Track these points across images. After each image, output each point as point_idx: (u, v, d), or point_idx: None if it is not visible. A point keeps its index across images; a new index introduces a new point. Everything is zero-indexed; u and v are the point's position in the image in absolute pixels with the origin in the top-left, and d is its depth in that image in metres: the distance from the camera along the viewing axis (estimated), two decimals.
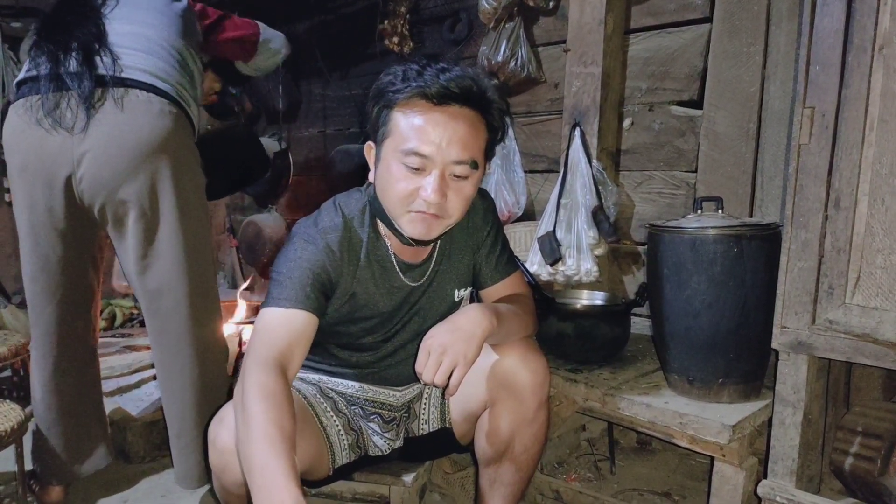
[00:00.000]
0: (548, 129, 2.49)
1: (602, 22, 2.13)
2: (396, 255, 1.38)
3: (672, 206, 2.17)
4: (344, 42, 3.14)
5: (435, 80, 1.18)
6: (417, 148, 1.18)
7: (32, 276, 1.71)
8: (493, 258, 1.47)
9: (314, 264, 1.27)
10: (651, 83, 2.19)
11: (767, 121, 1.92)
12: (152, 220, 1.65)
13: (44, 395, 1.78)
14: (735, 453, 1.45)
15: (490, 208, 1.50)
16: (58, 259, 1.69)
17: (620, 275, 2.31)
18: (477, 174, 1.26)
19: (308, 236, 1.30)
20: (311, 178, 3.57)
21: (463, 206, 1.26)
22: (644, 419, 1.55)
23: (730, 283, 1.46)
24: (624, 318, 1.80)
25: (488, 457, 1.43)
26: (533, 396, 1.34)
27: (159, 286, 1.69)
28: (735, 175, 1.98)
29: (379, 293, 1.39)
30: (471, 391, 1.40)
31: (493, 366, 1.36)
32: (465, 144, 1.20)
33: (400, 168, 1.21)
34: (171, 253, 1.67)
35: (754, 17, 1.91)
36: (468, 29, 2.69)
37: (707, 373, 1.52)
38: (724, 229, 1.46)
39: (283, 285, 1.24)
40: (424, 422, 1.54)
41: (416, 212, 1.23)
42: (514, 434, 1.37)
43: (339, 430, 1.44)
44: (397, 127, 1.21)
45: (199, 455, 1.77)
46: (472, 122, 1.22)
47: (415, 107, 1.19)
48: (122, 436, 2.12)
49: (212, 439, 1.21)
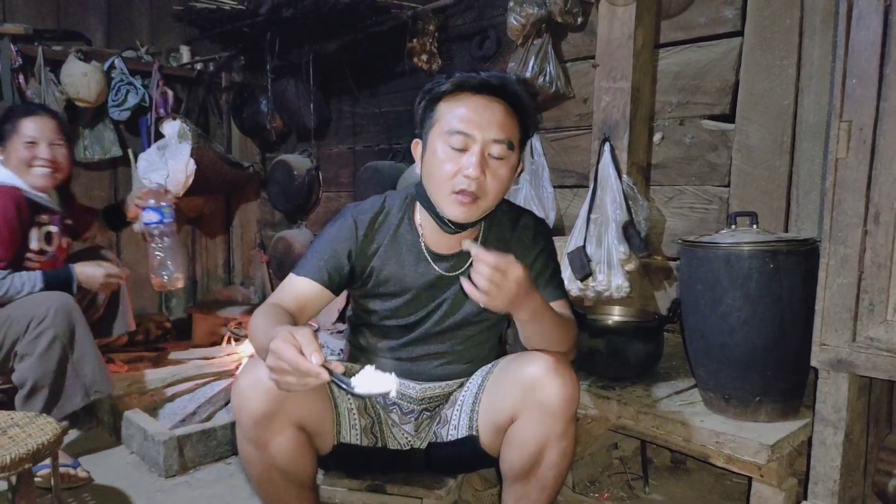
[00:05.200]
0: (577, 144, 2.49)
1: (631, 37, 2.13)
2: (427, 242, 1.47)
3: (704, 221, 2.14)
4: (373, 60, 3.18)
5: (476, 75, 1.35)
6: (460, 128, 1.31)
7: None
8: (541, 281, 1.48)
9: (336, 240, 1.45)
10: (682, 97, 2.18)
11: (802, 134, 1.89)
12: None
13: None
14: (774, 474, 1.42)
15: (543, 232, 1.53)
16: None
17: (652, 290, 2.29)
18: (513, 157, 1.36)
19: (344, 213, 1.48)
20: (341, 195, 3.61)
21: (499, 187, 1.35)
22: (679, 437, 1.52)
23: (766, 299, 1.43)
24: (657, 335, 1.78)
25: (514, 472, 1.41)
26: (562, 411, 1.32)
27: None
28: (769, 189, 1.95)
29: (403, 272, 1.47)
30: (499, 400, 1.41)
31: (523, 377, 1.36)
32: (502, 126, 1.33)
33: (445, 149, 1.33)
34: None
35: (787, 30, 1.89)
36: (496, 46, 2.71)
37: (744, 391, 1.49)
38: (759, 245, 1.44)
39: (307, 257, 1.46)
40: (454, 427, 1.54)
41: (458, 192, 1.33)
42: (541, 449, 1.36)
43: (350, 408, 1.50)
44: (443, 115, 1.35)
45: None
46: (508, 111, 1.35)
47: (458, 96, 1.35)
48: (157, 449, 2.14)
49: (234, 384, 1.34)
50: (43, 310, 2.04)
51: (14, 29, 3.11)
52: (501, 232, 1.49)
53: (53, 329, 2.03)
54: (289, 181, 3.60)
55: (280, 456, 1.34)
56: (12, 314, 2.05)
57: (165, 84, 3.57)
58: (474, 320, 1.50)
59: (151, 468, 2.18)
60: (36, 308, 2.05)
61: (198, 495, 2.02)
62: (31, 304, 2.07)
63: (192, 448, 2.18)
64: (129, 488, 2.05)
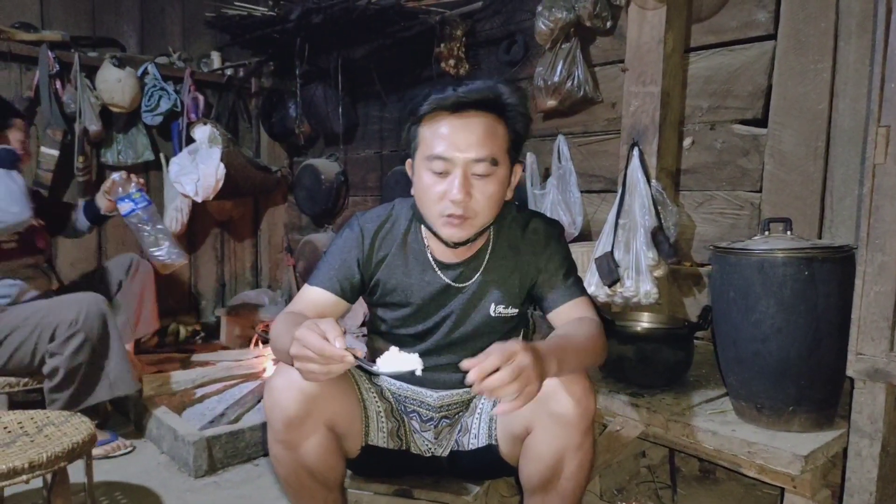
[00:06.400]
0: (605, 149, 2.47)
1: (661, 41, 2.11)
2: (433, 252, 1.46)
3: (735, 227, 2.12)
4: (401, 65, 3.20)
5: (451, 93, 1.29)
6: (439, 152, 1.30)
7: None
8: (555, 282, 1.46)
9: (344, 249, 1.46)
10: (712, 102, 2.16)
11: (836, 139, 1.86)
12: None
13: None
14: (807, 485, 1.39)
15: (554, 235, 1.50)
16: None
17: (681, 297, 2.26)
18: (500, 172, 1.33)
19: (351, 222, 1.50)
20: (368, 198, 3.63)
21: (489, 203, 1.33)
22: (709, 447, 1.50)
23: (800, 307, 1.41)
24: (687, 342, 1.76)
25: (533, 484, 1.40)
26: (577, 422, 1.29)
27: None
28: (803, 195, 1.92)
29: (410, 282, 1.47)
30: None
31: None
32: (481, 143, 1.29)
33: (428, 174, 1.33)
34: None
35: (822, 34, 1.86)
36: (524, 50, 2.70)
37: (777, 400, 1.47)
38: (794, 251, 1.42)
39: (319, 267, 1.46)
40: (474, 436, 1.53)
41: (447, 216, 1.32)
42: (559, 461, 1.33)
43: (379, 410, 1.50)
44: (423, 139, 1.33)
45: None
46: (489, 124, 1.31)
47: (435, 118, 1.32)
48: (187, 450, 2.18)
49: (267, 384, 1.35)
50: (75, 313, 2.11)
51: (52, 36, 3.20)
52: (511, 238, 1.48)
53: (84, 332, 2.11)
54: (316, 185, 3.64)
55: (310, 457, 1.35)
56: (45, 319, 2.11)
57: (197, 89, 3.63)
58: (486, 331, 1.48)
59: (181, 468, 2.21)
60: (69, 311, 2.12)
61: (226, 495, 2.05)
62: (65, 305, 2.14)
63: (220, 449, 2.21)
64: (160, 487, 2.08)
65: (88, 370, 2.14)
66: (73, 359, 2.10)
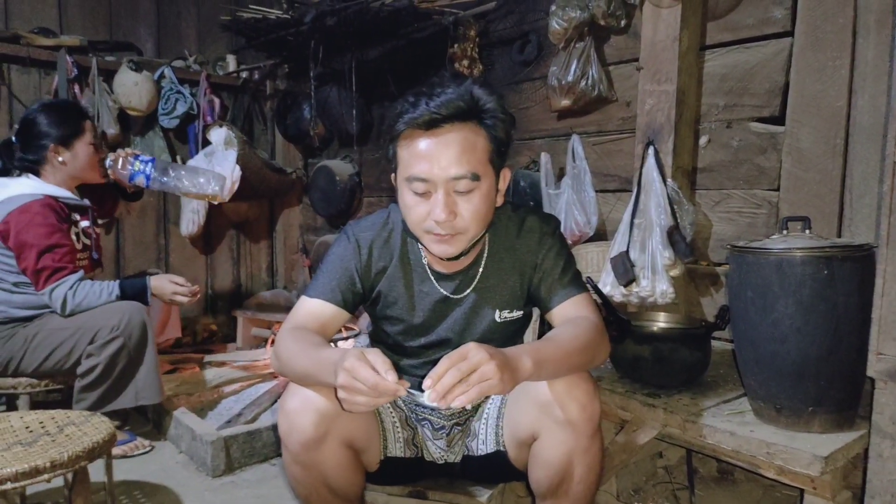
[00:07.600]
0: (619, 148, 2.46)
1: (676, 39, 2.10)
2: (431, 263, 1.45)
3: (753, 226, 2.10)
4: (415, 66, 3.20)
5: (424, 108, 1.24)
6: (417, 173, 1.26)
7: None
8: (551, 280, 1.44)
9: (343, 259, 1.44)
10: (729, 100, 2.14)
11: (855, 136, 1.84)
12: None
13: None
14: (827, 486, 1.37)
15: (549, 232, 1.47)
16: None
17: (698, 296, 2.24)
18: (483, 185, 1.29)
19: (346, 233, 1.47)
20: (382, 199, 3.64)
21: (477, 218, 1.30)
22: (728, 447, 1.49)
23: (820, 306, 1.39)
24: (704, 342, 1.74)
25: (542, 490, 1.39)
26: (583, 426, 1.28)
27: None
28: (821, 193, 1.90)
29: (408, 295, 1.46)
30: (518, 417, 1.39)
31: (538, 395, 1.30)
32: (460, 160, 1.25)
33: (410, 195, 1.30)
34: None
35: (840, 30, 1.84)
36: (537, 50, 2.70)
37: (796, 400, 1.45)
38: (812, 250, 1.40)
39: (317, 279, 1.45)
40: (483, 442, 1.53)
41: (433, 234, 1.30)
42: (567, 466, 1.32)
43: (394, 422, 1.50)
44: (402, 158, 1.30)
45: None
46: (466, 137, 1.26)
47: (410, 137, 1.27)
48: (205, 449, 2.19)
49: (280, 406, 1.33)
50: (117, 319, 2.16)
51: (70, 41, 3.24)
52: (507, 240, 1.46)
53: (123, 338, 2.16)
54: (331, 186, 3.66)
55: (330, 475, 1.34)
56: (88, 322, 2.16)
57: (212, 92, 3.66)
58: (491, 336, 1.47)
59: (199, 467, 2.23)
60: (111, 316, 2.17)
61: (244, 495, 2.06)
62: (108, 312, 2.19)
63: (238, 448, 2.23)
64: (179, 486, 2.10)
65: (120, 375, 2.19)
66: (109, 361, 2.15)
